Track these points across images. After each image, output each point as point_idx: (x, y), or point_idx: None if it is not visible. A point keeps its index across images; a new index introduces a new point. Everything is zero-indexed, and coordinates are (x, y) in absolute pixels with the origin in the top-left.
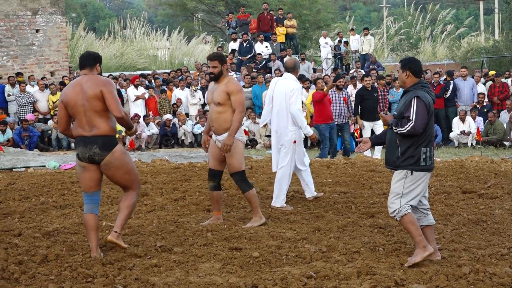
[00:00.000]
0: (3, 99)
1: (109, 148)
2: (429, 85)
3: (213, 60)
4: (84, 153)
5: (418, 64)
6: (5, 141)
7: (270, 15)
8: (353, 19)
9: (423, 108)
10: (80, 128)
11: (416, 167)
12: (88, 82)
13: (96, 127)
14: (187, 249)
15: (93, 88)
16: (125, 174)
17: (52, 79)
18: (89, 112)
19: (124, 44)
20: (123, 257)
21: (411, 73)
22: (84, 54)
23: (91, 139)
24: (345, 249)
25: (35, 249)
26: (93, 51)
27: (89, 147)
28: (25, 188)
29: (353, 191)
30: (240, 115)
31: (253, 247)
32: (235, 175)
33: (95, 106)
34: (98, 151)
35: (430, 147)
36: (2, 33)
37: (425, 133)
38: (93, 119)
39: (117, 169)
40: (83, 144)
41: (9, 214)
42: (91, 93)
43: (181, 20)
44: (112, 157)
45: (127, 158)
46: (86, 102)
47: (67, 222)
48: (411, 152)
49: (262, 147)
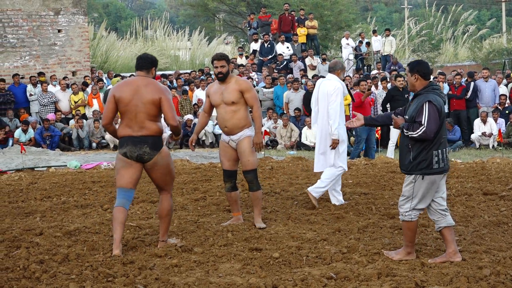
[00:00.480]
0: (25, 98)
1: (158, 148)
2: (439, 87)
3: (221, 60)
4: (133, 152)
5: (426, 66)
6: (27, 140)
7: (291, 16)
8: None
9: (435, 113)
10: (129, 128)
11: (429, 170)
12: (148, 86)
13: (146, 128)
14: (207, 249)
15: (153, 93)
16: (166, 175)
17: (74, 79)
18: (142, 114)
19: (145, 44)
20: (144, 257)
21: (420, 76)
22: (142, 56)
23: (141, 139)
24: (365, 250)
25: (56, 248)
26: (150, 54)
27: (139, 147)
28: (47, 188)
29: (373, 192)
30: (260, 109)
31: (273, 247)
32: (251, 172)
33: (150, 110)
34: (148, 151)
35: (442, 149)
36: (24, 33)
37: (438, 136)
38: (144, 121)
39: (161, 168)
40: (132, 143)
41: (30, 213)
42: (150, 98)
43: (202, 21)
44: (160, 156)
45: (171, 160)
46: (142, 104)
47: (88, 221)
48: (423, 156)
49: (283, 147)
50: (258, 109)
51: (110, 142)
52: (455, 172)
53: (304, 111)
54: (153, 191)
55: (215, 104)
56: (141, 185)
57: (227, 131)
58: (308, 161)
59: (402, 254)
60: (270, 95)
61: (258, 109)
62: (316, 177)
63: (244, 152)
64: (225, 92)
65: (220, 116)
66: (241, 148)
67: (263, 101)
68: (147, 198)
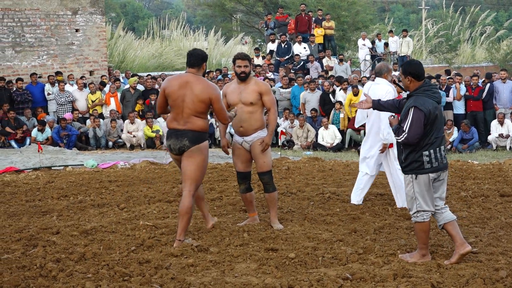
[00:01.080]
0: (43, 98)
1: (198, 142)
2: (433, 87)
3: (245, 60)
4: (175, 145)
5: (417, 67)
6: (44, 139)
7: (308, 16)
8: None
9: (418, 119)
10: (175, 122)
11: (421, 170)
12: (199, 84)
13: (190, 123)
14: (223, 249)
15: (203, 92)
16: (196, 167)
17: (91, 79)
18: (189, 110)
19: (162, 44)
20: (160, 256)
21: (413, 78)
22: (193, 52)
23: (183, 132)
24: (381, 251)
25: (72, 247)
26: (200, 49)
27: (180, 139)
28: (64, 187)
29: (390, 193)
30: (276, 114)
31: (289, 248)
32: (267, 174)
33: (198, 107)
34: (187, 144)
35: (434, 148)
36: (42, 33)
37: (426, 138)
38: (190, 116)
39: (193, 158)
40: (175, 137)
41: (47, 212)
42: (200, 97)
43: (219, 21)
44: (197, 148)
45: (206, 157)
46: (190, 101)
47: (105, 220)
48: (413, 157)
49: (299, 148)
50: (274, 113)
51: (127, 142)
52: (471, 174)
53: (321, 112)
54: (169, 190)
55: (232, 103)
56: (157, 185)
57: (242, 131)
58: (325, 162)
59: (417, 256)
60: (287, 95)
61: (274, 113)
62: (332, 177)
63: (259, 153)
64: (244, 92)
65: (236, 116)
66: (256, 150)
67: (280, 101)
68: (163, 197)
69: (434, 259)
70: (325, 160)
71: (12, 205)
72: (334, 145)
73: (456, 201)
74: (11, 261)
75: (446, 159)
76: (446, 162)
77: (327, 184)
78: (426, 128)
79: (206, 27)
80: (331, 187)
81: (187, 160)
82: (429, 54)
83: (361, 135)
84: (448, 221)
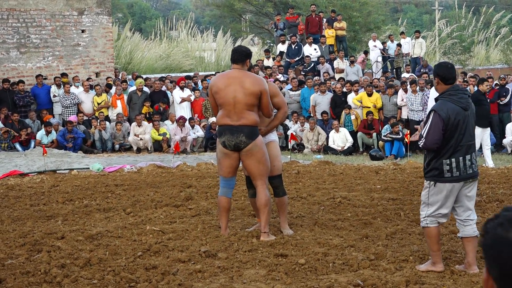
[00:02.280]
0: (49, 100)
1: (254, 137)
2: (461, 92)
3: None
4: (231, 141)
5: (446, 69)
6: (49, 142)
7: (318, 17)
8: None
9: (437, 125)
10: (228, 118)
11: (440, 178)
12: (248, 78)
13: (244, 118)
14: (231, 254)
15: (253, 85)
16: (258, 163)
17: (97, 80)
18: (240, 104)
19: (170, 45)
20: (167, 262)
21: (440, 80)
22: (237, 49)
23: (238, 128)
24: (393, 257)
25: (78, 253)
26: (244, 46)
27: (236, 135)
28: (69, 191)
29: (402, 197)
30: (285, 114)
31: (299, 253)
32: (277, 178)
33: (249, 101)
34: (244, 139)
35: (457, 157)
36: (48, 33)
37: (447, 145)
38: (242, 111)
39: (254, 156)
40: (230, 133)
41: (52, 217)
42: (251, 90)
43: (228, 21)
44: (254, 144)
45: (264, 149)
46: (241, 95)
47: (111, 225)
48: (434, 164)
49: (310, 151)
50: (283, 113)
51: (134, 145)
52: (486, 178)
53: (332, 114)
54: (176, 194)
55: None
56: (164, 189)
57: None
58: (336, 166)
59: (429, 265)
60: (297, 97)
61: (283, 113)
62: (343, 182)
63: (271, 157)
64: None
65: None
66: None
67: (289, 104)
68: (170, 202)
69: (448, 265)
70: (336, 164)
71: (16, 209)
72: (345, 149)
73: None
74: (15, 266)
75: (473, 169)
76: (473, 172)
77: (338, 189)
78: (446, 135)
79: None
80: (342, 191)
81: (249, 160)
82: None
83: (372, 138)
84: (466, 236)
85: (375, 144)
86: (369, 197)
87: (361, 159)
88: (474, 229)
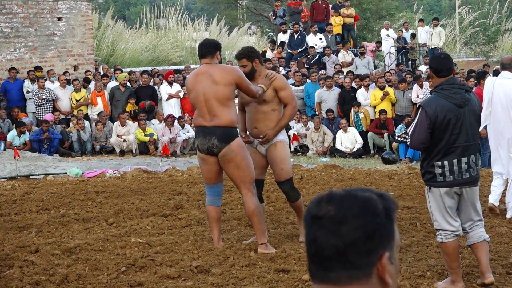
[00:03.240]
0: (21, 96)
1: (228, 140)
2: (455, 87)
3: (240, 59)
4: (203, 144)
5: (438, 60)
6: (21, 144)
7: (325, 3)
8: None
9: (423, 123)
10: (201, 118)
11: (433, 183)
12: (217, 69)
13: (217, 117)
14: (227, 270)
15: (224, 76)
16: (237, 168)
17: (76, 74)
18: (211, 101)
19: (157, 35)
20: (154, 278)
21: (432, 73)
22: (204, 42)
23: (210, 130)
24: (408, 272)
25: (54, 268)
26: (211, 38)
27: (208, 138)
28: (44, 198)
29: (418, 206)
30: (294, 110)
31: (302, 268)
32: (288, 182)
33: (222, 95)
34: (216, 143)
35: (449, 160)
36: (19, 22)
37: (438, 145)
38: (215, 108)
39: (231, 161)
40: (203, 135)
41: (25, 228)
42: (222, 82)
43: (222, 8)
44: (229, 149)
45: (244, 152)
46: (213, 91)
47: (91, 237)
48: (426, 167)
49: (314, 154)
50: (292, 108)
51: (116, 147)
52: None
53: (339, 112)
54: (164, 203)
55: (244, 102)
56: (151, 196)
57: (257, 132)
58: (343, 170)
59: (448, 283)
60: (300, 93)
61: (292, 108)
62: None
63: (277, 159)
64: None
65: (249, 116)
66: (273, 155)
67: None
68: (158, 211)
69: (469, 281)
70: (344, 168)
71: None
72: (355, 151)
73: (494, 215)
74: None
75: (471, 173)
76: (471, 177)
77: None
78: (435, 134)
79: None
80: None
81: (226, 166)
82: (463, 46)
83: (384, 139)
84: (473, 242)
85: (387, 146)
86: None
87: (372, 163)
88: (480, 233)
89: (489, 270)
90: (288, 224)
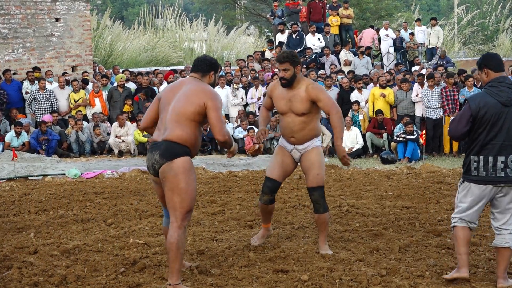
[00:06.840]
0: (19, 97)
1: (171, 157)
2: (504, 85)
3: (284, 63)
4: (149, 161)
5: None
6: (19, 145)
7: (322, 3)
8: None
9: (465, 114)
10: (157, 132)
11: (467, 176)
12: (194, 85)
13: (170, 130)
14: (226, 270)
15: (198, 93)
16: (171, 191)
17: (74, 75)
18: (174, 114)
19: (155, 36)
20: (153, 279)
21: (488, 70)
22: (201, 57)
23: (157, 144)
24: (407, 272)
25: (52, 269)
26: (211, 56)
27: (153, 153)
28: (42, 199)
29: (417, 205)
30: (338, 116)
31: (301, 269)
32: (319, 189)
33: (185, 111)
34: (157, 158)
35: (485, 155)
36: (17, 22)
37: (476, 140)
38: (175, 121)
39: (168, 181)
40: (149, 150)
41: (23, 229)
42: (192, 98)
43: (220, 8)
44: (169, 167)
45: (186, 176)
46: (179, 104)
47: (89, 238)
48: (465, 159)
49: None
50: (337, 118)
51: (115, 147)
52: None
53: None
54: None
55: (281, 111)
56: (150, 197)
57: (294, 141)
58: (342, 170)
59: (454, 272)
60: None
61: (337, 118)
62: (350, 188)
63: (313, 165)
64: (294, 100)
65: (286, 125)
66: (308, 161)
67: None
68: (156, 211)
69: (469, 281)
70: (343, 168)
71: None
72: (353, 151)
73: None
74: None
75: (507, 173)
76: (506, 176)
77: (345, 196)
78: (475, 127)
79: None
80: (349, 199)
81: (164, 186)
82: (462, 45)
83: (383, 139)
84: (496, 245)
85: (386, 146)
86: (380, 205)
87: (371, 163)
88: (505, 239)
89: (504, 277)
90: (287, 225)
